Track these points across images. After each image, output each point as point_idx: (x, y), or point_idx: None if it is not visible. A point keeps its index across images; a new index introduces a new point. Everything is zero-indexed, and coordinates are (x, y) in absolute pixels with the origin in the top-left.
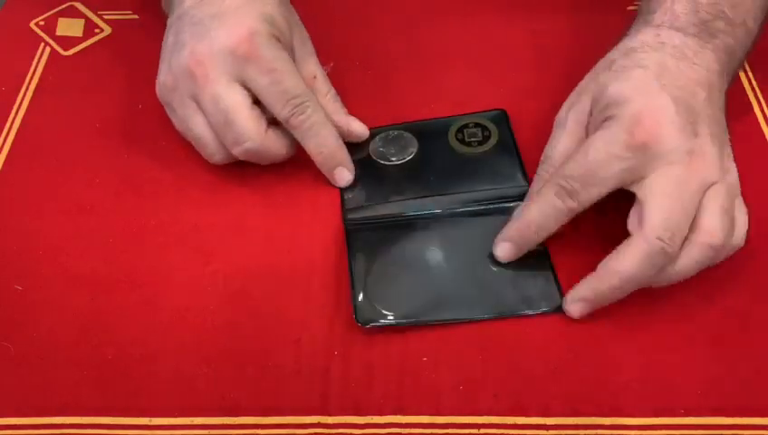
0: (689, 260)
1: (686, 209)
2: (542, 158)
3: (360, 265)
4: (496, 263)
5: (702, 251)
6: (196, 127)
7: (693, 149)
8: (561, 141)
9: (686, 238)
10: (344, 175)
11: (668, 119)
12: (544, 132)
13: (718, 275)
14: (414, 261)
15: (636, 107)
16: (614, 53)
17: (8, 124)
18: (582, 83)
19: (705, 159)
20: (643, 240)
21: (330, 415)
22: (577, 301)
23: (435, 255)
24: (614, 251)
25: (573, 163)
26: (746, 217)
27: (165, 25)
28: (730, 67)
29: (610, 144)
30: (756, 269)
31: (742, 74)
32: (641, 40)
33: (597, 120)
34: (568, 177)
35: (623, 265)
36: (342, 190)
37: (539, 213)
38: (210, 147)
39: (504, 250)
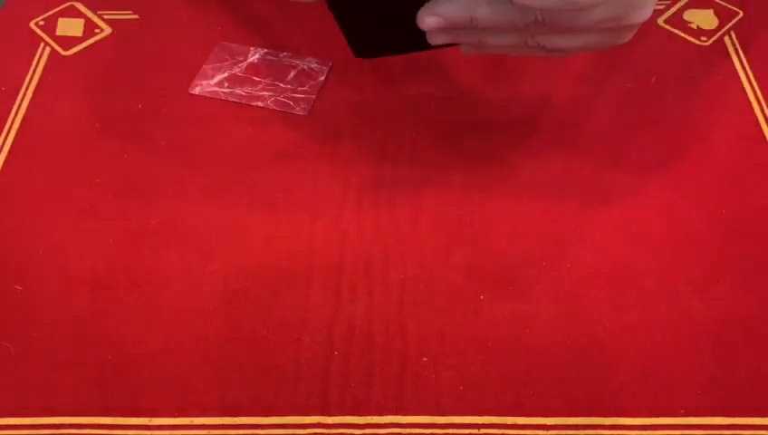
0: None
1: None
2: None
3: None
4: None
5: None
6: None
7: None
8: None
9: None
10: None
11: None
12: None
13: (718, 275)
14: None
15: None
16: None
17: (8, 124)
18: None
19: None
20: None
21: (330, 415)
22: (433, 15)
23: None
24: None
25: None
26: None
27: (165, 25)
28: None
29: None
30: (756, 269)
31: (741, 73)
32: None
33: None
34: None
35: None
36: (346, 36)
37: None
38: None
39: (431, 23)
